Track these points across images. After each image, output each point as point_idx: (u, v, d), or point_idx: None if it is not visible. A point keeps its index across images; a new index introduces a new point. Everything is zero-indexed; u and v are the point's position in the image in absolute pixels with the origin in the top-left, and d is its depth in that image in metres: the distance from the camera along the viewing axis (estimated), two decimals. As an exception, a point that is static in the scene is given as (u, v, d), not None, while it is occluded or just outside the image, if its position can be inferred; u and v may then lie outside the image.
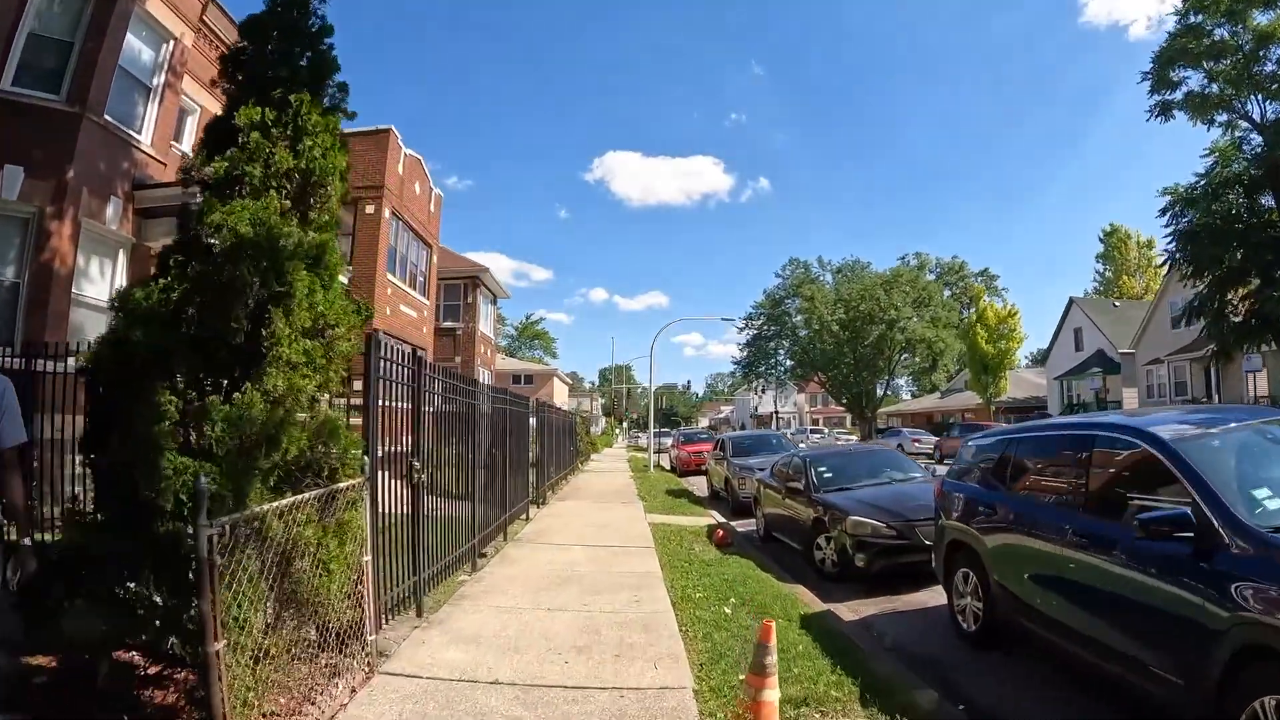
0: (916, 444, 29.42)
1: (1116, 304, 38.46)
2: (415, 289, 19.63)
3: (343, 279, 4.04)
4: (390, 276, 17.64)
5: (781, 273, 53.70)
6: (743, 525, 11.24)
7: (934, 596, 6.58)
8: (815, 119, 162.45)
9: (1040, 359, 54.87)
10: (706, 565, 7.19)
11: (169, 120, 13.11)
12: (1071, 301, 36.77)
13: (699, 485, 18.04)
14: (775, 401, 65.45)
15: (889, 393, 56.30)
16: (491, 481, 8.38)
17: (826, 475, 8.19)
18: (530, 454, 11.45)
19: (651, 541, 8.57)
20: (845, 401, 53.35)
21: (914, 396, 64.62)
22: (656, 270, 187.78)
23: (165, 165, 12.83)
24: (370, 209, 17.14)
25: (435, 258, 21.56)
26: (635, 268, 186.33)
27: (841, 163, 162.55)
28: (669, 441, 33.32)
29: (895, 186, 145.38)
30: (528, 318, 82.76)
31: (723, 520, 11.17)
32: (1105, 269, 51.29)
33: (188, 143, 14.19)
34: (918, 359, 53.39)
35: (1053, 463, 4.64)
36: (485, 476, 8.04)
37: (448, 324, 25.23)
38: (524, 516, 10.39)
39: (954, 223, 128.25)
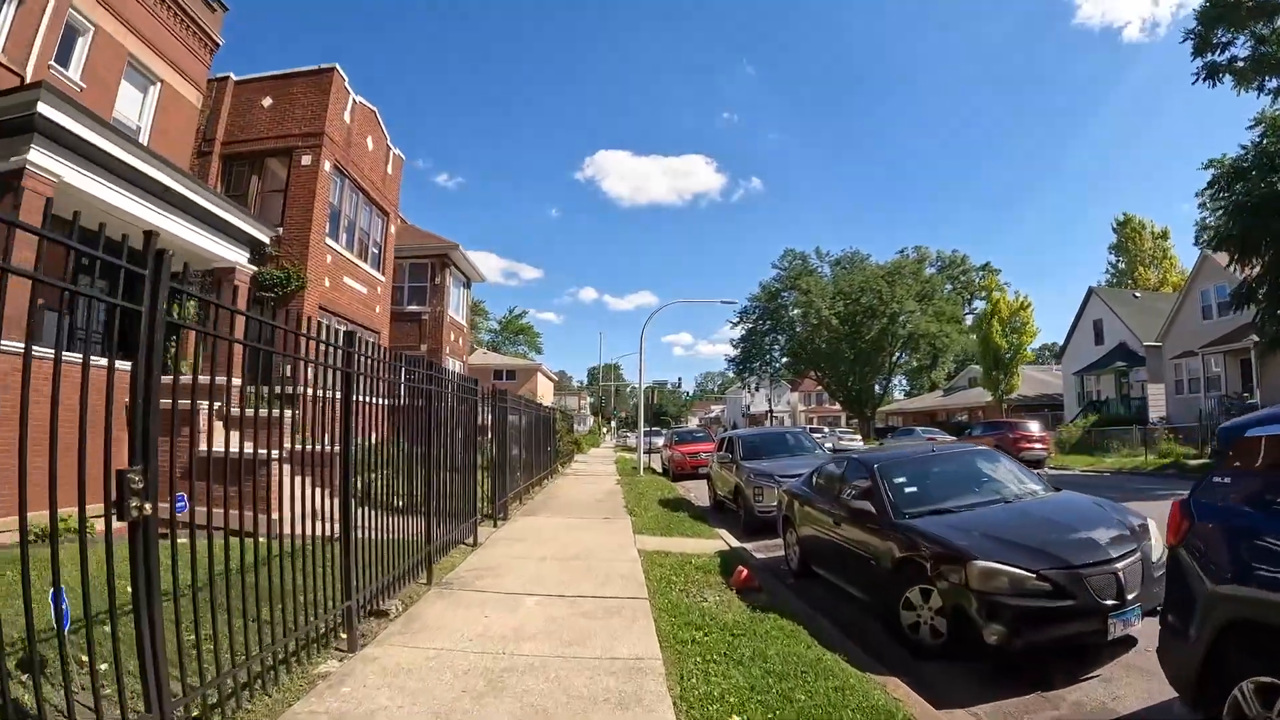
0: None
1: (1137, 295, 36.05)
2: (366, 261, 16.70)
3: None
4: (331, 242, 14.74)
5: (779, 264, 51.11)
6: (762, 549, 8.57)
7: (1114, 690, 3.96)
8: (808, 118, 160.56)
9: (1041, 358, 52.57)
10: (732, 637, 4.47)
11: (28, 26, 10.45)
12: (1091, 291, 34.21)
13: (697, 491, 15.27)
14: (769, 400, 62.69)
15: (885, 391, 53.75)
16: (408, 497, 5.65)
17: (909, 490, 5.34)
18: (481, 456, 8.68)
19: (644, 587, 5.81)
20: (843, 399, 50.78)
21: (909, 395, 62.11)
22: (646, 270, 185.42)
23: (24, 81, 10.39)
24: (306, 160, 14.23)
25: (393, 228, 18.62)
26: (625, 267, 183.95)
27: (835, 162, 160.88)
28: (660, 441, 30.62)
29: (890, 186, 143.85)
30: (511, 311, 79.31)
31: (737, 545, 8.43)
32: (1118, 260, 48.82)
33: (76, 69, 11.42)
34: (919, 355, 50.92)
35: None
36: (392, 489, 5.31)
37: (411, 307, 22.29)
38: (468, 541, 7.62)
39: (949, 220, 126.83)
